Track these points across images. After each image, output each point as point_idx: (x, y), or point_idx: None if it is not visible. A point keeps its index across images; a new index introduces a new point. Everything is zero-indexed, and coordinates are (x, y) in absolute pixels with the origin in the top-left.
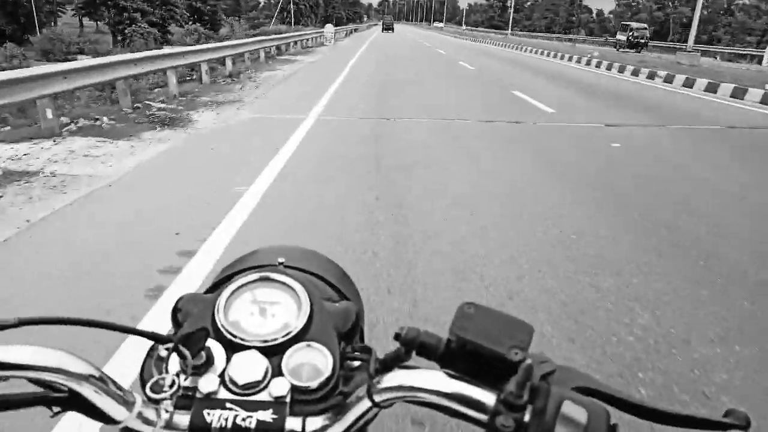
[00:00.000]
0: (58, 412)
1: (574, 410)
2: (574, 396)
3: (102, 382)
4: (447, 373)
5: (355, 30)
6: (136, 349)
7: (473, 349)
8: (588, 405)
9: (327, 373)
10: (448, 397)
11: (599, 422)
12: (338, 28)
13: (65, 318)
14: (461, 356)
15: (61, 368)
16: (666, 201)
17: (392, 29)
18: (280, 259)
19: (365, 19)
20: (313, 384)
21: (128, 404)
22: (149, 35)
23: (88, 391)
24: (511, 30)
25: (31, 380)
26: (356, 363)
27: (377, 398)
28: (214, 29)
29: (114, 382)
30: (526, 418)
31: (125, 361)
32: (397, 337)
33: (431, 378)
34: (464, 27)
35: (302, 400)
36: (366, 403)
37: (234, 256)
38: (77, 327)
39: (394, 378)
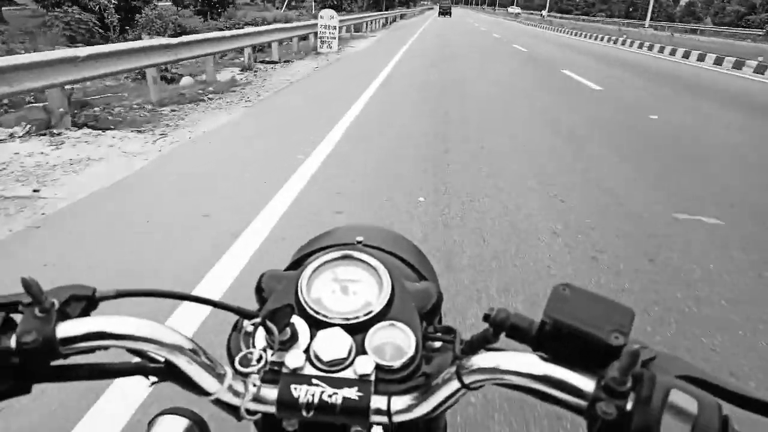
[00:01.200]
0: (155, 382)
1: (683, 399)
2: (682, 385)
3: (195, 353)
4: (541, 356)
5: (402, 16)
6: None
7: (570, 332)
8: (698, 395)
9: (410, 352)
10: (543, 381)
11: (711, 413)
12: (374, 15)
13: (159, 291)
14: (556, 340)
15: (157, 339)
16: None
17: (449, 14)
18: (359, 238)
19: (421, 2)
20: (397, 363)
21: (219, 376)
22: (78, 24)
23: (182, 361)
24: (650, 20)
25: (129, 350)
26: (437, 344)
27: (466, 380)
28: (223, 14)
29: (206, 354)
30: (629, 405)
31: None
32: (486, 318)
33: (525, 361)
34: (545, 13)
35: (386, 380)
36: (455, 384)
37: None
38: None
39: (486, 359)
